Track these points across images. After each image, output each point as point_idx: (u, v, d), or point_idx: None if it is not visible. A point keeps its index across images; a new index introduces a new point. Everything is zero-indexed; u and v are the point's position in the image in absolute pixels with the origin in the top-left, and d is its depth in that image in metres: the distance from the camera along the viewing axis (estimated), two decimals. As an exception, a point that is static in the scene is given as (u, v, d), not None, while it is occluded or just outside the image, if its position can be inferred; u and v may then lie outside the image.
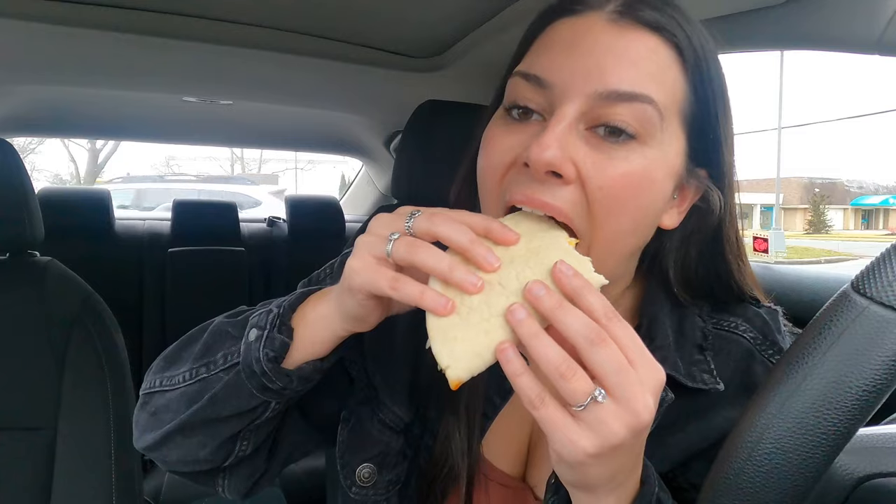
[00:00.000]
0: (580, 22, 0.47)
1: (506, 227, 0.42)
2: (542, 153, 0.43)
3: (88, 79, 1.43)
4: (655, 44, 0.46)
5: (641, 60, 0.45)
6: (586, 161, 0.44)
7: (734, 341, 0.53)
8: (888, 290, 0.33)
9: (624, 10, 0.46)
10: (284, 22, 1.20)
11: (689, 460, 0.51)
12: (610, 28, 0.45)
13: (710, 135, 0.48)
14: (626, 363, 0.36)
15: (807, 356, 0.35)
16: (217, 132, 2.16)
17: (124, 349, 1.04)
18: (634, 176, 0.44)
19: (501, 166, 0.47)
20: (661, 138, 0.45)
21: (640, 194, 0.45)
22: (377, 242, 0.43)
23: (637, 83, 0.44)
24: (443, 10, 1.13)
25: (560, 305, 0.37)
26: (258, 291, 2.12)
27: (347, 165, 18.79)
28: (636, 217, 0.46)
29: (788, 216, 30.82)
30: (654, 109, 0.44)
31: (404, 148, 1.14)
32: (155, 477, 1.67)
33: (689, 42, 0.47)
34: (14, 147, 1.01)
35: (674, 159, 0.47)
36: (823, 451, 0.34)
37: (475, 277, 0.39)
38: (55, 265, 1.04)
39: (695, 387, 0.49)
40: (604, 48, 0.45)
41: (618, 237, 0.47)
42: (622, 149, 0.44)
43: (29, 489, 0.93)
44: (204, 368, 0.52)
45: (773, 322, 0.54)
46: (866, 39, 0.75)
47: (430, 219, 0.41)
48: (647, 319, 0.53)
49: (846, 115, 59.30)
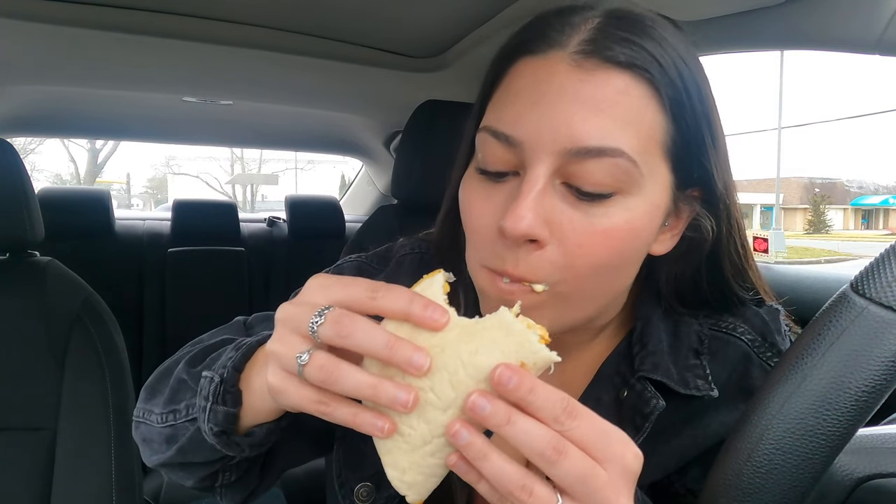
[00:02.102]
0: (543, 65, 0.43)
1: (432, 306, 0.36)
2: (516, 224, 0.41)
3: (88, 79, 1.43)
4: (626, 83, 0.42)
5: (610, 107, 0.41)
6: (563, 220, 0.42)
7: (732, 343, 0.52)
8: (887, 290, 0.33)
9: (588, 48, 0.42)
10: (284, 22, 1.20)
11: (686, 466, 0.50)
12: (574, 72, 0.42)
13: (697, 161, 0.46)
14: (591, 468, 0.33)
15: (806, 357, 0.35)
16: (217, 132, 2.16)
17: (124, 349, 1.04)
18: (617, 231, 0.43)
19: (481, 230, 0.46)
20: (642, 183, 0.43)
21: (624, 246, 0.44)
22: (287, 355, 0.37)
23: (606, 135, 0.41)
24: (443, 10, 1.13)
25: (508, 421, 0.33)
26: (258, 291, 2.12)
27: (347, 165, 18.81)
28: (620, 266, 0.45)
29: (788, 216, 30.82)
30: (626, 161, 0.41)
31: (404, 148, 1.14)
32: (155, 477, 1.66)
33: (663, 73, 0.42)
34: (14, 147, 1.01)
35: (660, 198, 0.45)
36: (823, 451, 0.34)
37: (405, 393, 0.35)
38: (55, 265, 1.04)
39: (687, 393, 0.48)
40: (569, 98, 0.42)
41: (603, 285, 0.46)
42: (601, 206, 0.42)
43: (29, 489, 0.93)
44: (171, 415, 0.51)
45: (773, 322, 0.53)
46: (866, 39, 0.75)
47: (336, 326, 0.35)
48: (641, 323, 0.52)
49: (846, 115, 59.31)
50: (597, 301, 0.47)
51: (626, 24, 0.43)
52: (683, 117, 0.44)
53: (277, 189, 21.82)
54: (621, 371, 0.52)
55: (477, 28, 1.19)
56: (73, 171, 19.95)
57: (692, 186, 0.47)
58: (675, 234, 0.49)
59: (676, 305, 0.53)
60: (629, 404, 0.49)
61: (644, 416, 0.48)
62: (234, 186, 23.58)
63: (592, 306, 0.47)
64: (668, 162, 0.44)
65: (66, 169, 21.33)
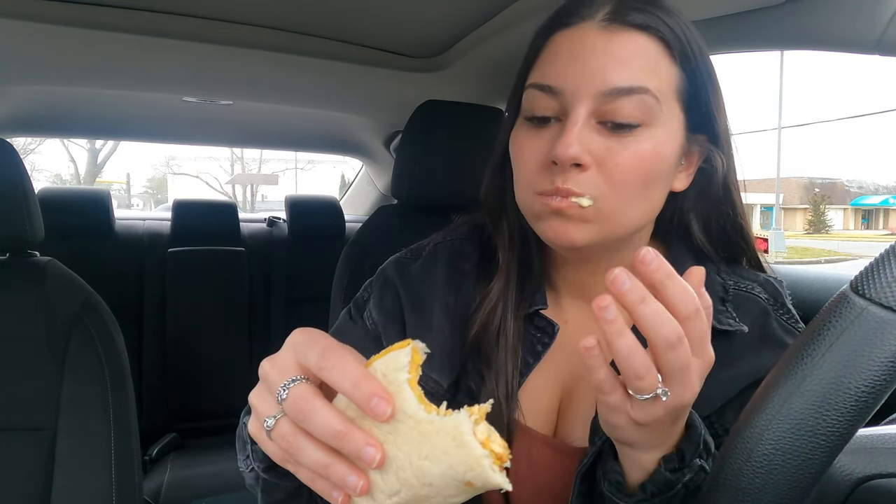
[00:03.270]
0: (576, 32, 0.54)
1: (377, 398, 0.35)
2: (566, 151, 0.51)
3: (88, 79, 1.43)
4: (644, 41, 0.52)
5: (634, 58, 0.52)
6: (601, 149, 0.52)
7: (752, 300, 0.59)
8: (887, 290, 0.33)
9: (612, 16, 0.53)
10: (284, 22, 1.20)
11: (723, 408, 0.56)
12: (602, 34, 0.52)
13: (703, 107, 0.56)
14: (690, 360, 0.39)
15: (806, 357, 0.35)
16: (217, 132, 2.16)
17: (124, 349, 1.04)
18: (645, 154, 0.52)
19: (533, 166, 0.55)
20: (662, 118, 0.52)
21: (652, 167, 0.53)
22: (261, 413, 0.39)
23: (633, 78, 0.51)
24: (443, 10, 1.13)
25: (643, 300, 0.37)
26: (258, 291, 2.12)
27: (347, 165, 18.81)
28: (649, 185, 0.54)
29: (788, 216, 30.81)
30: (651, 97, 0.51)
31: (404, 148, 1.14)
32: (155, 477, 1.67)
33: (673, 34, 0.53)
34: (14, 147, 1.01)
35: (676, 133, 0.54)
36: (823, 451, 0.34)
37: (356, 478, 0.36)
38: (55, 265, 1.04)
39: (721, 329, 0.55)
40: (600, 52, 0.52)
41: (636, 202, 0.54)
42: (631, 135, 0.52)
43: (29, 489, 0.93)
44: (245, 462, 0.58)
45: (781, 289, 0.61)
46: (866, 39, 0.75)
47: (294, 407, 0.36)
48: None
49: (846, 115, 59.30)
50: (632, 218, 0.55)
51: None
52: (690, 69, 0.54)
53: (277, 189, 21.81)
54: None
55: (477, 28, 1.19)
56: (73, 171, 19.95)
57: (700, 131, 0.57)
58: (689, 172, 0.58)
59: (706, 244, 0.62)
60: None
61: None
62: (234, 186, 23.57)
63: (628, 223, 0.55)
64: (680, 104, 0.54)
65: (66, 169, 21.33)
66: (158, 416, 1.94)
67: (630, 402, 0.40)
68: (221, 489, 1.60)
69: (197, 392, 1.99)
